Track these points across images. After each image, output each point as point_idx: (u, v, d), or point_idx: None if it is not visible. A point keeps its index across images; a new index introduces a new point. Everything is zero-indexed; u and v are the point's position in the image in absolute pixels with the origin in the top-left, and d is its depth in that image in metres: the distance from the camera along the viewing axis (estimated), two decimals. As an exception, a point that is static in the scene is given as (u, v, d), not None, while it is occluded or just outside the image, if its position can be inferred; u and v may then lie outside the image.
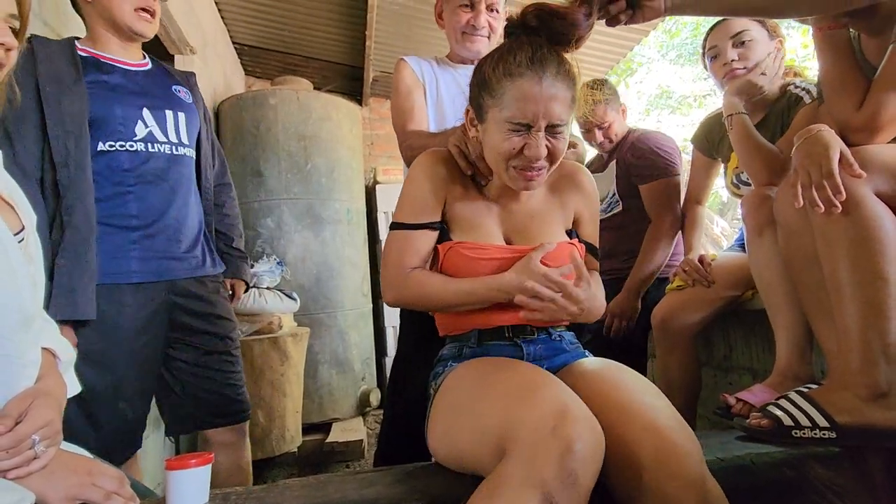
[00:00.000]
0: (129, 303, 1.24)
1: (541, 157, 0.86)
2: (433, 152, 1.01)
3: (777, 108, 1.39)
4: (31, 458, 0.68)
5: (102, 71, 1.27)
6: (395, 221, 0.99)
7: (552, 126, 0.86)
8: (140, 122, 1.27)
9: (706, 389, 1.60)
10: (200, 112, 1.44)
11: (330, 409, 3.01)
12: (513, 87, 0.85)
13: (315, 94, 3.24)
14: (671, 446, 0.67)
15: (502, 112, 0.86)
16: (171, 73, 1.44)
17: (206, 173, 1.43)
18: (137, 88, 1.30)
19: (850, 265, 0.88)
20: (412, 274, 0.94)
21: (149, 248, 1.27)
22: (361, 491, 0.80)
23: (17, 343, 0.74)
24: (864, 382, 0.87)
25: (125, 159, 1.25)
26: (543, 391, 0.71)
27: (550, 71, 0.85)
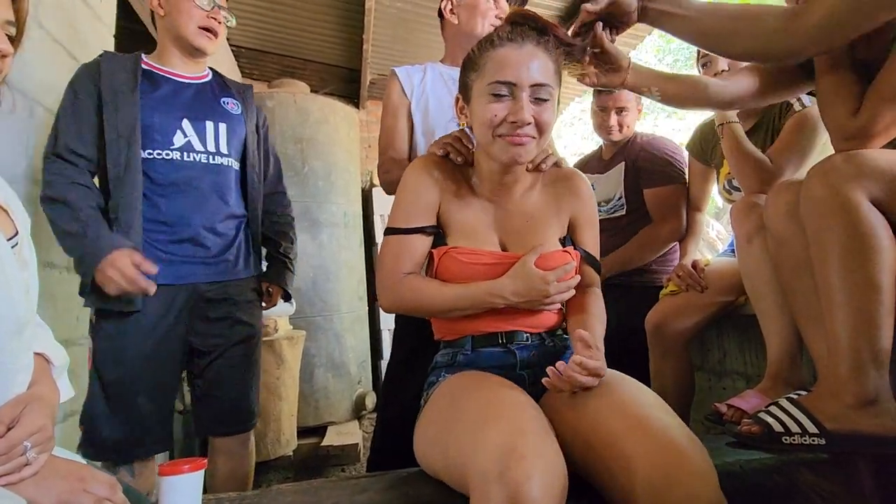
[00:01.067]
0: (151, 303, 1.28)
1: (526, 121, 0.85)
2: (425, 157, 1.01)
3: (769, 115, 1.41)
4: (22, 465, 0.68)
5: (154, 83, 1.37)
6: (390, 227, 0.99)
7: (536, 87, 0.85)
8: (179, 131, 1.34)
9: (700, 394, 1.60)
10: (252, 123, 1.49)
11: (325, 413, 3.00)
12: (494, 55, 0.87)
13: (312, 97, 3.24)
14: (687, 463, 0.65)
15: (484, 79, 0.87)
16: (226, 85, 1.51)
17: (251, 182, 1.47)
18: (183, 100, 1.38)
19: (842, 272, 0.88)
20: (407, 279, 0.94)
21: (174, 252, 1.32)
22: (353, 497, 0.80)
23: (9, 349, 0.74)
24: (852, 389, 0.88)
25: (160, 166, 1.32)
26: (492, 428, 0.68)
27: (531, 39, 0.87)
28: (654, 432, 0.69)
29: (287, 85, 3.32)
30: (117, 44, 1.94)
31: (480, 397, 0.78)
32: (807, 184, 0.94)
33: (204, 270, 1.36)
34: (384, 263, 0.97)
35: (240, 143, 1.46)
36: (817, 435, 0.88)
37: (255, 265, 1.51)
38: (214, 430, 1.41)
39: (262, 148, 1.54)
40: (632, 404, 0.75)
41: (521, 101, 0.85)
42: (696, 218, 1.71)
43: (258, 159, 1.51)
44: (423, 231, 0.96)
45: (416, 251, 0.96)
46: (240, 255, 1.44)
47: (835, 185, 0.88)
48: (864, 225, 0.87)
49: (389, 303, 0.96)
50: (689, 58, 7.30)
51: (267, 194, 1.57)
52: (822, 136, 1.30)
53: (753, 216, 1.14)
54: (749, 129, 1.42)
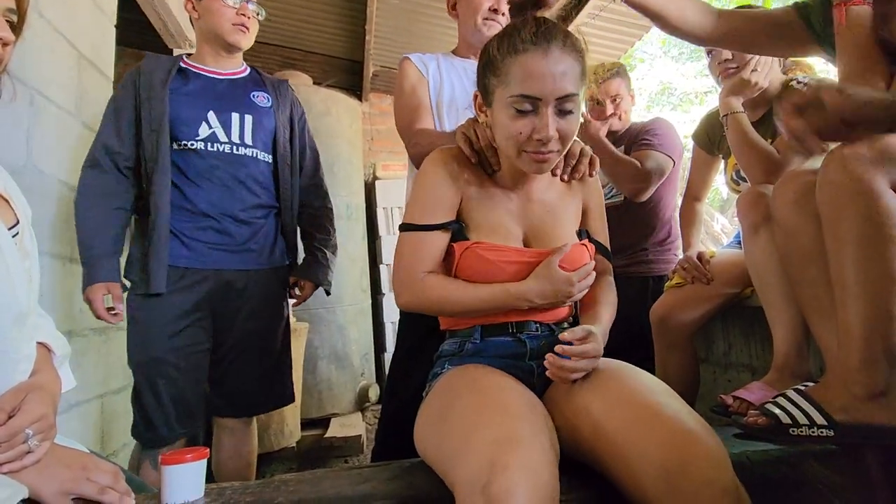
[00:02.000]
0: (176, 285, 1.35)
1: (551, 138, 0.83)
2: (445, 150, 0.98)
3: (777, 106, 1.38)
4: (24, 452, 0.68)
5: (186, 79, 1.44)
6: (407, 223, 0.95)
7: (561, 99, 0.82)
8: (204, 123, 1.40)
9: (705, 386, 1.59)
10: (284, 116, 1.53)
11: (329, 405, 3.01)
12: (517, 64, 0.82)
13: (314, 89, 3.23)
14: (704, 450, 0.64)
15: (508, 90, 0.83)
16: (261, 81, 1.56)
17: (282, 172, 1.50)
18: (212, 93, 1.44)
19: (858, 262, 0.85)
20: (427, 279, 0.92)
21: (199, 238, 1.38)
22: (356, 487, 0.80)
23: (11, 338, 0.74)
24: (862, 381, 0.87)
25: (187, 157, 1.38)
26: (479, 435, 0.66)
27: (556, 44, 0.81)
28: (667, 419, 0.68)
29: (289, 77, 3.30)
30: (119, 34, 1.93)
31: (472, 399, 0.76)
32: (825, 168, 0.90)
33: (228, 258, 1.40)
34: (402, 261, 0.94)
35: (268, 136, 1.48)
36: (826, 426, 0.87)
37: (285, 257, 1.53)
38: (217, 409, 1.47)
39: (297, 141, 1.57)
40: (642, 392, 0.74)
41: (545, 119, 0.82)
42: (696, 207, 1.69)
43: (290, 152, 1.53)
44: (443, 227, 0.93)
45: (435, 248, 0.93)
46: (266, 245, 1.47)
47: (855, 170, 0.85)
48: (885, 213, 0.83)
49: (408, 301, 0.93)
50: (694, 49, 7.23)
51: (303, 187, 1.60)
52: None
53: (760, 207, 1.12)
54: (758, 119, 1.40)
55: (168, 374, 1.33)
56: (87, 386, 1.64)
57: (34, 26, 1.37)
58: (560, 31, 0.83)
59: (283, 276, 1.54)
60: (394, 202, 3.75)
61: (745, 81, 1.32)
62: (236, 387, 1.45)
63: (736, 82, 1.33)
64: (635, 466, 0.67)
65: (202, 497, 0.79)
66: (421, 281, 0.91)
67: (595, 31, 3.08)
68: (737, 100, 1.33)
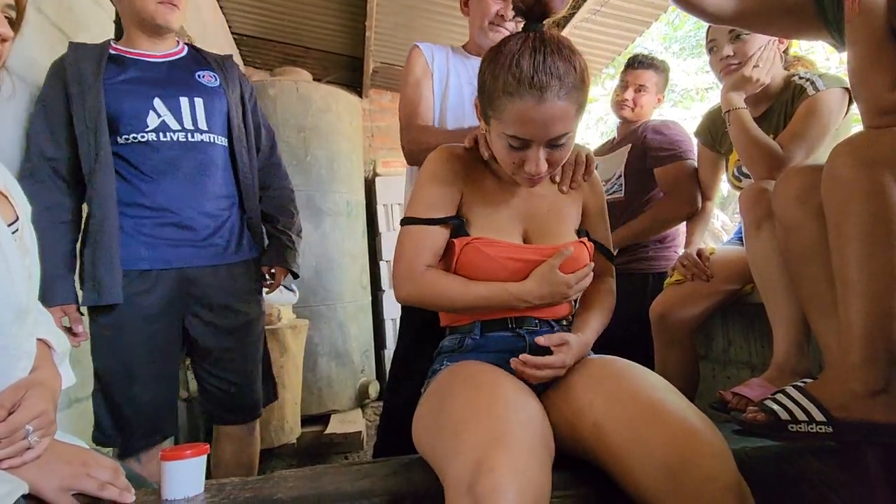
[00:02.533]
0: (139, 289, 1.27)
1: (540, 173, 0.86)
2: (448, 147, 0.99)
3: (781, 100, 1.38)
4: (24, 449, 0.69)
5: (121, 67, 1.31)
6: (409, 216, 0.95)
7: (553, 139, 0.84)
8: (151, 112, 1.29)
9: (705, 383, 1.59)
10: (234, 95, 1.42)
11: (329, 401, 3.02)
12: (511, 108, 0.81)
13: (315, 86, 3.22)
14: (705, 446, 0.64)
15: (502, 126, 0.84)
16: (203, 58, 1.44)
17: (240, 156, 1.41)
18: (152, 79, 1.32)
19: (862, 258, 0.85)
20: (428, 273, 0.92)
21: (159, 236, 1.29)
22: (355, 482, 0.80)
23: (12, 335, 0.74)
24: (862, 378, 0.87)
25: (139, 151, 1.29)
26: (469, 434, 0.66)
27: (552, 87, 0.78)
28: (668, 416, 0.68)
29: (289, 73, 3.30)
30: (117, 28, 1.92)
31: (465, 397, 0.76)
32: (832, 162, 0.89)
33: (192, 254, 1.31)
34: (403, 254, 0.94)
35: (222, 118, 1.39)
36: (825, 423, 0.87)
37: (252, 248, 1.44)
38: (219, 418, 1.41)
39: (250, 120, 1.47)
40: (643, 390, 0.74)
41: (535, 155, 0.84)
42: (705, 206, 1.69)
43: (245, 133, 1.44)
44: (445, 223, 0.94)
45: (436, 242, 0.93)
46: (232, 238, 1.38)
47: (863, 164, 0.84)
48: (891, 210, 0.82)
49: (407, 295, 0.94)
50: (695, 46, 7.21)
51: (261, 168, 1.50)
52: (836, 122, 1.28)
53: (762, 203, 1.12)
54: (760, 115, 1.40)
55: (139, 381, 1.26)
56: (86, 382, 1.64)
57: (32, 22, 1.37)
58: (560, 68, 0.79)
59: (254, 269, 1.45)
60: (394, 199, 3.75)
61: (746, 78, 1.32)
62: (230, 392, 1.39)
63: (738, 78, 1.33)
64: (636, 464, 0.66)
65: (202, 493, 0.79)
66: (421, 275, 0.92)
67: (596, 26, 3.07)
68: (739, 96, 1.33)
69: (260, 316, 1.46)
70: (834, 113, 1.26)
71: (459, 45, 1.50)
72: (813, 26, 1.05)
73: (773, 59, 1.35)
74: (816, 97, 1.26)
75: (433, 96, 1.38)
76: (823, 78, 1.30)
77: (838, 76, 1.35)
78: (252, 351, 1.42)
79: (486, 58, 0.87)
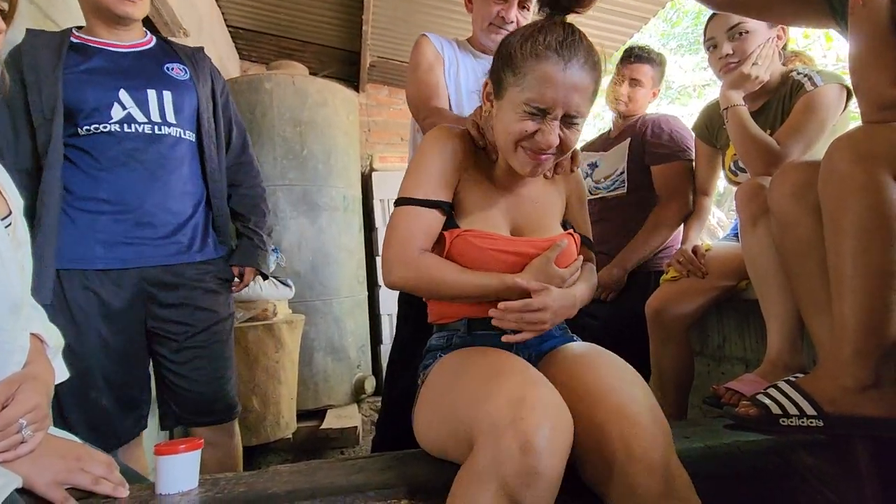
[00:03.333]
0: (96, 289, 1.21)
1: (552, 146, 0.84)
2: (447, 128, 0.97)
3: (778, 96, 1.38)
4: (18, 443, 0.68)
5: (84, 56, 1.25)
6: (405, 196, 0.92)
7: (569, 116, 0.84)
8: (116, 104, 1.24)
9: (700, 378, 1.60)
10: (205, 88, 1.37)
11: (325, 396, 3.02)
12: (537, 68, 0.82)
13: (311, 80, 3.20)
14: (636, 429, 0.67)
15: (522, 93, 0.83)
16: (172, 50, 1.39)
17: (209, 152, 1.36)
18: (117, 70, 1.27)
19: (857, 254, 0.85)
20: (424, 257, 0.89)
21: (116, 233, 1.23)
22: (350, 477, 0.81)
23: (6, 329, 0.73)
24: (853, 373, 0.87)
25: (100, 142, 1.23)
26: (504, 380, 0.70)
27: (578, 58, 0.82)
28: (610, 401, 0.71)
29: (285, 67, 3.28)
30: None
31: (486, 360, 0.79)
32: (829, 157, 0.89)
33: (153, 253, 1.26)
34: (396, 235, 0.90)
35: (192, 112, 1.34)
36: (815, 417, 0.88)
37: (218, 247, 1.39)
38: (196, 420, 1.34)
39: (220, 116, 1.41)
40: (597, 374, 0.78)
41: (551, 127, 0.83)
42: (703, 202, 1.69)
43: (215, 129, 1.39)
44: (440, 206, 0.91)
45: (431, 227, 0.91)
46: (196, 236, 1.33)
47: (861, 159, 0.84)
48: (888, 206, 0.82)
49: (400, 278, 0.89)
50: (693, 42, 7.20)
51: (230, 166, 1.45)
52: (833, 118, 1.28)
53: (758, 199, 1.12)
54: (757, 110, 1.40)
55: (100, 387, 1.21)
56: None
57: (24, 13, 1.35)
58: (584, 46, 0.84)
59: (220, 269, 1.39)
60: (390, 194, 3.70)
61: (745, 76, 1.32)
62: (204, 393, 1.32)
63: (736, 76, 1.33)
64: (586, 456, 0.70)
65: (196, 487, 0.79)
66: (416, 259, 0.89)
67: (593, 21, 3.06)
68: (737, 93, 1.33)
69: (229, 316, 1.40)
70: (831, 109, 1.26)
71: (463, 39, 1.50)
72: (819, 15, 1.03)
73: (771, 57, 1.35)
74: (814, 93, 1.27)
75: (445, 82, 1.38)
76: (821, 74, 1.30)
77: (836, 72, 1.35)
78: (220, 350, 1.36)
79: (514, 33, 0.89)
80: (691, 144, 1.74)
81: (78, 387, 1.15)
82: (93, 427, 1.19)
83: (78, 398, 1.18)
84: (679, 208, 1.70)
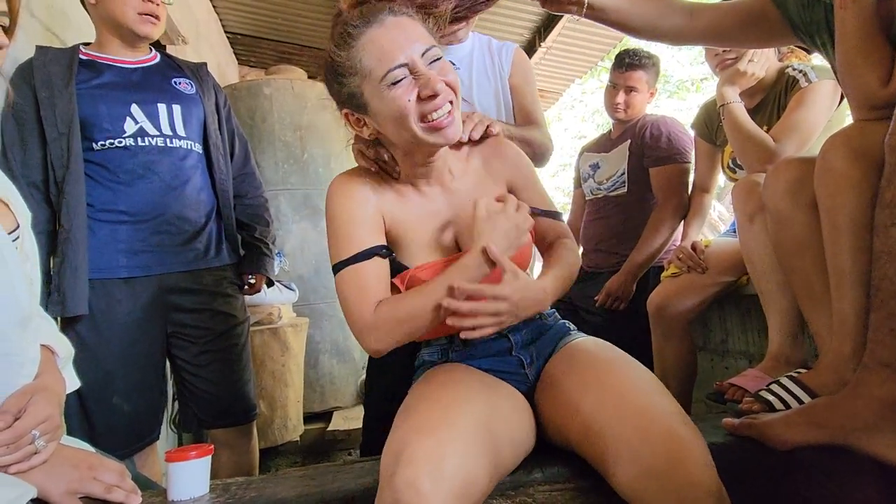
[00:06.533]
0: (119, 297, 1.26)
1: (436, 87, 0.76)
2: (347, 173, 0.90)
3: (774, 92, 1.39)
4: (31, 453, 0.70)
5: (94, 72, 1.30)
6: (337, 261, 0.83)
7: (425, 53, 0.78)
8: (129, 118, 1.29)
9: (703, 374, 1.61)
10: (210, 102, 1.43)
11: (331, 398, 3.04)
12: (361, 48, 0.77)
13: (310, 84, 3.21)
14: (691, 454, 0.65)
15: (372, 79, 0.77)
16: (177, 65, 1.45)
17: (217, 163, 1.41)
18: (128, 85, 1.32)
19: (855, 250, 0.85)
20: (381, 309, 0.80)
21: (137, 242, 1.28)
22: (357, 480, 0.82)
23: (15, 341, 0.75)
24: (854, 367, 0.88)
25: (116, 156, 1.28)
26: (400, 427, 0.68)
27: (383, 11, 0.79)
28: (655, 420, 0.68)
29: (284, 71, 3.29)
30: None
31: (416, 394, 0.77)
32: (824, 154, 0.89)
33: (172, 260, 1.31)
34: (349, 305, 0.82)
35: (199, 125, 1.39)
36: (818, 412, 0.88)
37: (231, 253, 1.45)
38: (212, 423, 1.38)
39: (224, 128, 1.47)
40: (631, 390, 0.74)
41: (423, 73, 0.76)
42: (703, 199, 1.70)
43: (222, 140, 1.44)
44: (378, 253, 0.83)
45: (378, 276, 0.83)
46: (211, 243, 1.38)
47: (856, 155, 0.84)
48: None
49: (374, 344, 0.81)
50: (691, 35, 7.17)
51: (234, 177, 1.50)
52: (828, 113, 1.29)
53: (755, 196, 1.13)
54: (754, 107, 1.41)
55: (119, 391, 1.24)
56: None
57: (26, 27, 1.37)
58: (384, 5, 0.80)
59: (235, 275, 1.45)
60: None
61: (741, 72, 1.33)
62: (220, 396, 1.36)
63: (732, 73, 1.34)
64: (623, 466, 0.67)
65: (207, 493, 0.80)
66: (376, 316, 0.80)
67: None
68: (733, 90, 1.34)
69: (245, 320, 1.46)
70: (826, 104, 1.27)
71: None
72: (779, 32, 1.04)
73: (768, 54, 1.35)
74: (808, 89, 1.27)
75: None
76: (816, 70, 1.31)
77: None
78: (238, 353, 1.40)
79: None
80: (689, 147, 1.75)
81: (101, 392, 1.22)
82: (115, 431, 1.24)
83: (101, 403, 1.22)
84: (675, 210, 1.72)
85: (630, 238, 1.78)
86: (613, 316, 1.75)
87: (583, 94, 8.76)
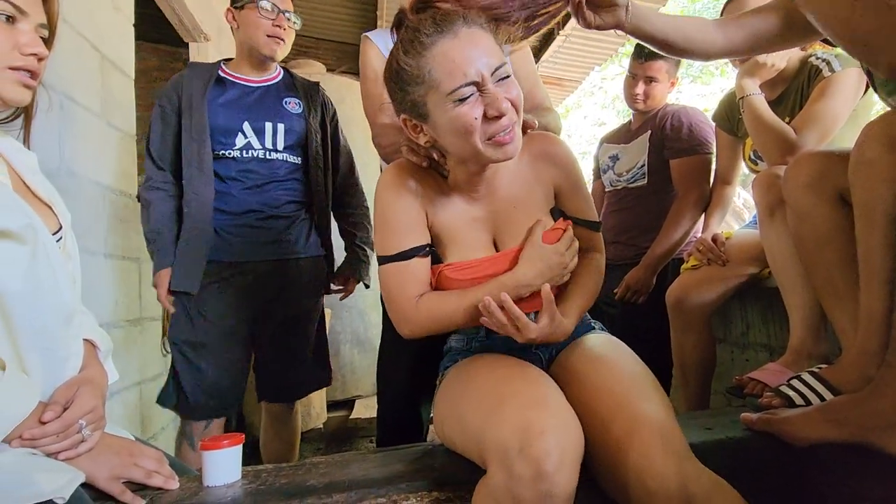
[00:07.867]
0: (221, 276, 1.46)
1: (503, 108, 0.77)
2: (395, 167, 0.92)
3: (797, 83, 1.36)
4: (78, 442, 0.75)
5: (223, 88, 1.52)
6: (383, 255, 0.90)
7: (495, 72, 0.77)
8: (240, 133, 1.49)
9: (723, 366, 1.60)
10: (315, 120, 1.60)
11: (353, 387, 3.11)
12: (433, 59, 0.77)
13: (328, 77, 3.24)
14: (649, 461, 0.67)
15: (439, 91, 0.77)
16: (293, 85, 1.62)
17: (314, 174, 1.58)
18: (246, 104, 1.52)
19: (888, 247, 0.83)
20: (421, 304, 0.87)
21: (237, 235, 1.48)
22: (381, 468, 0.85)
23: (61, 337, 0.79)
24: (878, 363, 0.87)
25: (224, 164, 1.49)
26: (508, 405, 0.69)
27: (457, 23, 0.78)
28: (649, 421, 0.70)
29: (302, 65, 3.32)
30: (136, 29, 1.97)
31: (496, 374, 0.79)
32: (860, 145, 0.86)
33: (266, 249, 1.50)
34: (391, 295, 0.89)
35: (299, 139, 1.56)
36: (839, 408, 0.88)
37: (319, 248, 1.62)
38: (263, 396, 1.60)
39: (329, 142, 1.64)
40: (618, 382, 0.78)
41: (491, 93, 0.77)
42: (725, 191, 1.67)
43: (322, 153, 1.61)
44: (420, 253, 0.89)
45: (419, 274, 0.89)
46: (300, 236, 1.56)
47: (894, 146, 0.80)
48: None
49: (409, 333, 0.90)
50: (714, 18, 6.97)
51: (340, 186, 1.69)
52: (853, 103, 1.25)
53: (776, 189, 1.12)
54: (776, 98, 1.38)
55: (208, 361, 1.43)
56: (125, 374, 1.73)
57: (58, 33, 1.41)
58: (456, 12, 0.79)
59: (320, 266, 1.62)
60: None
61: (761, 64, 1.30)
62: (278, 372, 1.55)
63: (752, 64, 1.31)
64: (604, 469, 0.71)
65: (239, 479, 0.85)
66: (416, 309, 0.87)
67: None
68: (753, 82, 1.31)
69: (320, 309, 1.65)
70: (850, 94, 1.23)
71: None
72: (814, 28, 1.00)
73: None
74: (831, 78, 1.24)
75: None
76: (840, 58, 1.27)
77: None
78: (305, 340, 1.59)
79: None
80: (711, 137, 1.72)
81: (192, 359, 1.44)
82: (201, 391, 1.43)
83: (191, 369, 1.44)
84: (695, 202, 1.70)
85: (650, 230, 1.77)
86: (632, 308, 1.75)
87: (602, 80, 8.59)
